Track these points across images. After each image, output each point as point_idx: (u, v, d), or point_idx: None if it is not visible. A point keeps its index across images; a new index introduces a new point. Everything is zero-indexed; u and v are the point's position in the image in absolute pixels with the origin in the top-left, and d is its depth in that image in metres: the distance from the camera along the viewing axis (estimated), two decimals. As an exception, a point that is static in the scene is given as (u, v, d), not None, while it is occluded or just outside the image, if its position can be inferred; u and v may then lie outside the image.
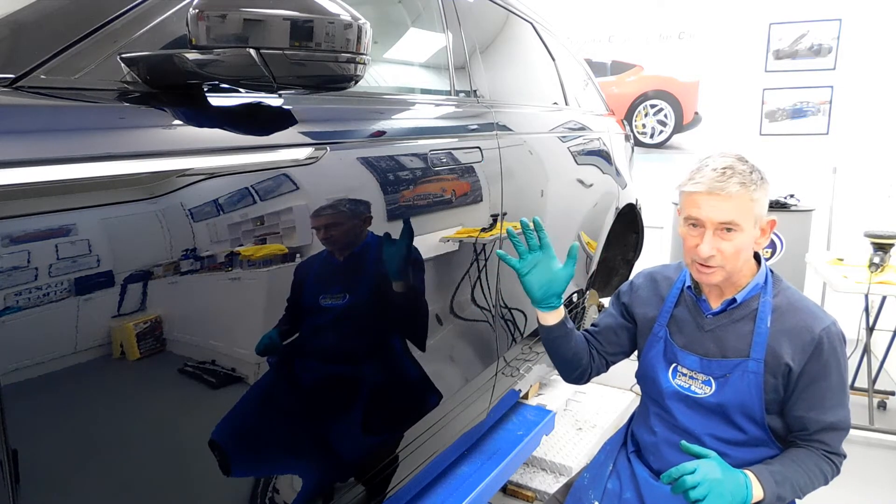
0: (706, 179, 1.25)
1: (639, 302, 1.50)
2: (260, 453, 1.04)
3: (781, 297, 1.34)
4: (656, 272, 1.53)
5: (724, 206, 1.24)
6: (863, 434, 2.96)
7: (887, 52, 4.12)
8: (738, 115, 4.54)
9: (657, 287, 1.49)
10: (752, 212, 1.26)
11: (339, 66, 0.91)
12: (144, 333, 0.80)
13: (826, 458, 1.30)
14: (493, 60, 1.99)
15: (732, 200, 1.23)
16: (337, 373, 1.20)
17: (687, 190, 1.29)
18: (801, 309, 1.32)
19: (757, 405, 1.30)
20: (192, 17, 0.81)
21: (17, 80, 0.75)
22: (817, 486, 1.30)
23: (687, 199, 1.30)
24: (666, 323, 1.43)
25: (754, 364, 1.29)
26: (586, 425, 2.61)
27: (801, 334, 1.28)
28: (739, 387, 1.30)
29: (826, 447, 1.30)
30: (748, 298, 1.34)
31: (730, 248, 1.26)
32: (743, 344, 1.32)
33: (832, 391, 1.28)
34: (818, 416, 1.29)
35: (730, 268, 1.29)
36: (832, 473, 1.31)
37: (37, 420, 0.70)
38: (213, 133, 0.92)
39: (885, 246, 2.88)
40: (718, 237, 1.26)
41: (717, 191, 1.24)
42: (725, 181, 1.23)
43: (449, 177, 1.48)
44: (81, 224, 0.73)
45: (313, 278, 1.07)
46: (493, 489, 1.79)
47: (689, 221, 1.30)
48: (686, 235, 1.32)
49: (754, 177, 1.26)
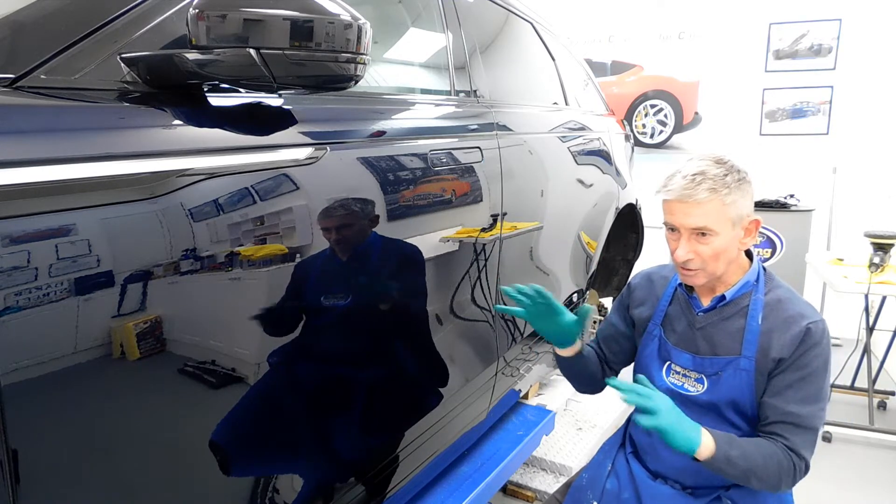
0: (676, 187, 1.26)
1: (636, 302, 1.52)
2: (260, 453, 1.04)
3: (773, 294, 1.34)
4: (653, 272, 1.54)
5: (695, 212, 1.25)
6: (863, 434, 2.96)
7: (887, 52, 4.12)
8: (738, 115, 4.54)
9: (653, 287, 1.50)
10: (726, 216, 1.25)
11: (339, 66, 0.91)
12: (144, 333, 0.80)
13: (785, 453, 1.23)
14: (493, 60, 1.99)
15: (703, 206, 1.24)
16: (336, 373, 1.20)
17: (661, 197, 1.31)
18: (791, 306, 1.32)
19: (749, 403, 1.30)
20: (192, 17, 0.81)
21: (17, 80, 0.75)
22: (770, 478, 1.22)
23: (663, 205, 1.32)
24: (660, 321, 1.44)
25: (746, 362, 1.30)
26: (586, 425, 2.61)
27: (790, 328, 1.28)
28: (731, 384, 1.31)
29: (784, 440, 1.24)
30: (738, 296, 1.34)
31: (707, 251, 1.27)
32: (734, 342, 1.32)
33: (803, 383, 1.25)
34: (779, 405, 1.25)
35: (710, 269, 1.30)
36: (788, 471, 1.22)
37: (37, 420, 0.70)
38: (213, 133, 0.92)
39: (885, 246, 2.88)
40: (695, 241, 1.27)
41: (685, 198, 1.25)
42: (694, 188, 1.24)
43: (449, 177, 1.48)
44: (81, 224, 0.73)
45: (313, 278, 1.07)
46: (493, 489, 1.79)
47: (667, 226, 1.33)
48: (668, 239, 1.34)
49: (728, 180, 1.25)
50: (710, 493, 1.36)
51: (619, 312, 1.57)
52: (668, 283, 1.47)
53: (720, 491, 1.36)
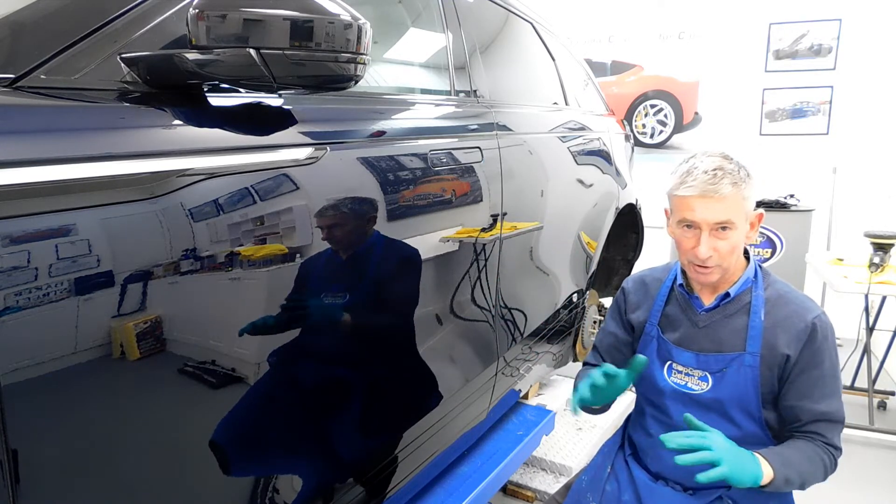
0: (698, 182, 1.26)
1: (632, 307, 1.51)
2: (260, 453, 1.04)
3: (772, 290, 1.36)
4: (645, 275, 1.54)
5: (718, 206, 1.26)
6: (863, 434, 2.96)
7: (887, 52, 4.12)
8: (738, 115, 4.53)
9: (647, 289, 1.50)
10: (743, 209, 1.28)
11: (339, 66, 0.91)
12: (144, 333, 0.80)
13: (825, 449, 1.29)
14: (493, 60, 1.99)
15: (726, 201, 1.25)
16: (336, 372, 1.20)
17: (679, 194, 1.29)
18: (792, 300, 1.34)
19: (753, 399, 1.31)
20: (192, 17, 0.81)
21: (17, 80, 0.75)
22: (818, 478, 1.28)
23: (679, 202, 1.30)
24: (657, 322, 1.44)
25: (750, 358, 1.31)
26: (586, 425, 2.61)
27: (794, 323, 1.30)
28: (736, 381, 1.31)
29: (822, 438, 1.29)
30: (741, 292, 1.36)
31: (726, 247, 1.28)
32: (738, 338, 1.33)
33: (824, 380, 1.29)
34: (810, 406, 1.29)
35: (726, 265, 1.31)
36: (830, 466, 1.30)
37: (37, 420, 0.70)
38: (213, 133, 0.92)
39: (885, 246, 2.88)
40: (714, 237, 1.28)
41: (710, 193, 1.25)
42: (717, 182, 1.25)
43: (449, 177, 1.48)
44: (81, 224, 0.73)
45: (313, 278, 1.07)
46: (493, 489, 1.79)
47: (683, 224, 1.31)
48: (681, 238, 1.33)
49: (742, 174, 1.27)
50: (711, 494, 1.36)
51: (617, 320, 1.55)
52: (662, 284, 1.47)
53: (721, 491, 1.36)
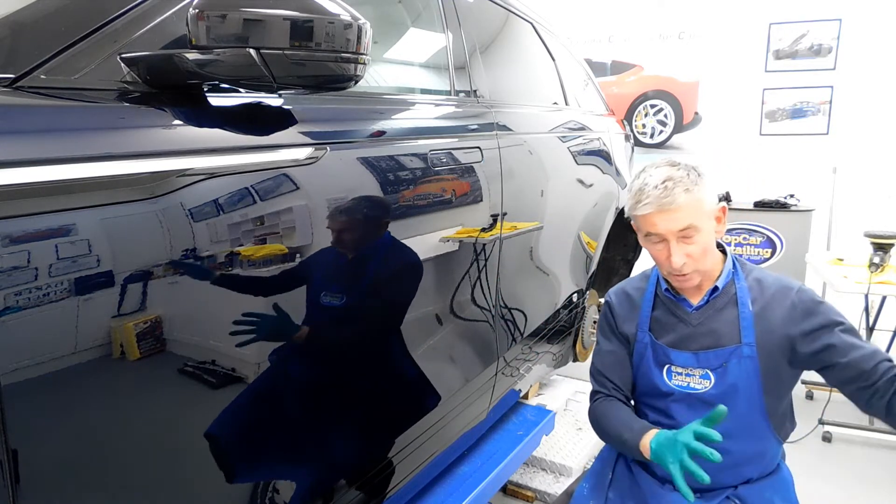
0: (652, 199, 1.28)
1: (621, 319, 1.50)
2: (260, 453, 1.04)
3: (751, 277, 1.40)
4: (626, 286, 1.55)
5: (677, 216, 1.28)
6: (863, 434, 2.96)
7: (887, 52, 4.12)
8: (738, 115, 4.53)
9: (631, 299, 1.50)
10: (702, 210, 1.30)
11: (339, 66, 0.91)
12: (144, 333, 0.80)
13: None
14: (493, 60, 1.99)
15: (683, 209, 1.27)
16: (336, 373, 1.20)
17: (638, 213, 1.32)
18: (771, 283, 1.38)
19: (757, 390, 1.32)
20: (192, 17, 0.81)
21: (17, 80, 0.75)
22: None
23: (641, 220, 1.33)
24: (647, 328, 1.44)
25: (748, 349, 1.32)
26: (586, 425, 2.60)
27: (782, 301, 1.33)
28: (739, 374, 1.32)
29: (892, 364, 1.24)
30: (726, 284, 1.38)
31: (697, 250, 1.30)
32: (733, 329, 1.35)
33: (845, 333, 1.29)
34: (859, 356, 1.25)
35: (703, 267, 1.34)
36: None
37: (37, 420, 0.70)
38: (213, 133, 0.92)
39: (885, 246, 2.88)
40: (683, 243, 1.30)
41: (666, 206, 1.27)
42: (670, 194, 1.26)
43: (449, 177, 1.48)
44: (81, 224, 0.73)
45: (313, 278, 1.07)
46: (493, 489, 1.79)
47: (649, 238, 1.34)
48: (652, 250, 1.36)
49: (692, 178, 1.29)
50: (719, 495, 1.36)
51: (610, 336, 1.52)
52: (644, 291, 1.48)
53: (728, 491, 1.35)
